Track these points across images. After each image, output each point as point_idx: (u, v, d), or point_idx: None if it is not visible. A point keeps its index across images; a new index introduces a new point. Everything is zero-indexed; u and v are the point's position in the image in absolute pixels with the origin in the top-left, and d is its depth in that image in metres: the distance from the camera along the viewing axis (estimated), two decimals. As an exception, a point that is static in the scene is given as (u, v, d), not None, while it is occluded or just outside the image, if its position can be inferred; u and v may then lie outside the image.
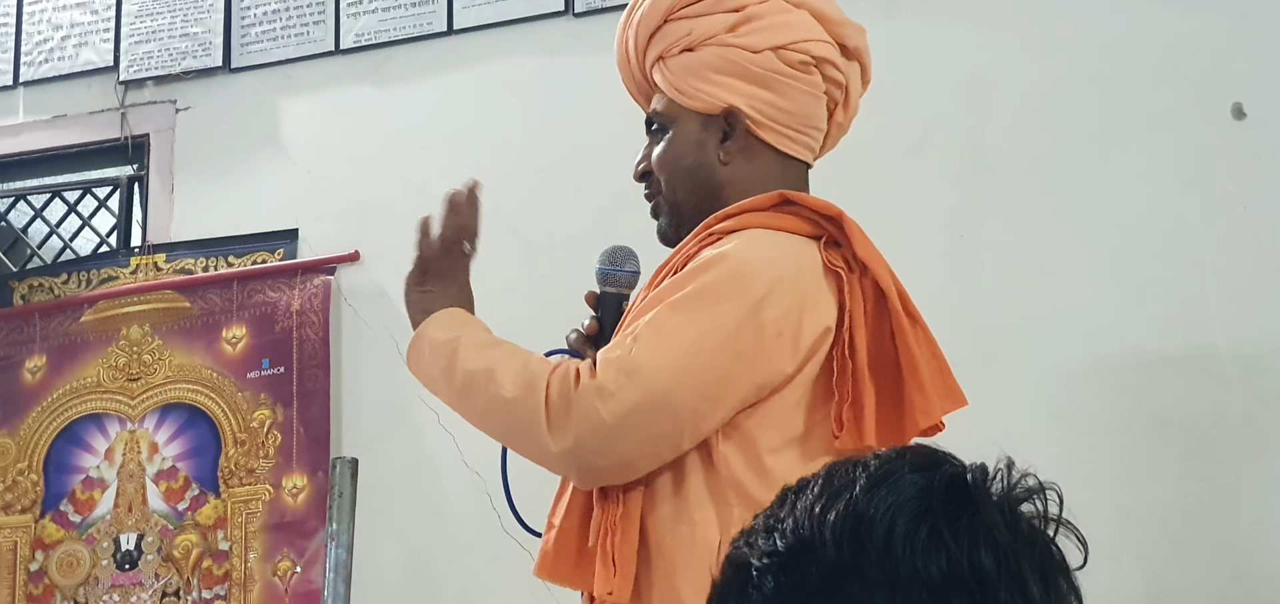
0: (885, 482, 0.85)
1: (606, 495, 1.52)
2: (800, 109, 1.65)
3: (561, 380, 1.46)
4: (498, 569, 2.85)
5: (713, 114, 1.64)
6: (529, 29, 3.17)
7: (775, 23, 1.64)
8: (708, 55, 1.64)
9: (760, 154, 1.64)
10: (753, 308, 1.48)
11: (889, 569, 0.81)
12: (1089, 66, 2.73)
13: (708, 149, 1.64)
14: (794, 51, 1.63)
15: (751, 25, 1.63)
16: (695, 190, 1.65)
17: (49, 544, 3.21)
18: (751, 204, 1.59)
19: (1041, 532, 0.85)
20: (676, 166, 1.66)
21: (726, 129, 1.64)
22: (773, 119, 1.63)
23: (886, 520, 0.82)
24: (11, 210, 3.63)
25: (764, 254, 1.51)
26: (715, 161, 1.64)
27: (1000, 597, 0.81)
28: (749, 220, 1.56)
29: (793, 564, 0.84)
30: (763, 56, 1.62)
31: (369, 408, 3.11)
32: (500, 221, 3.11)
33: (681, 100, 1.66)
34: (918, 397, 1.52)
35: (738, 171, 1.64)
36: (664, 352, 1.45)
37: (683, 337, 1.46)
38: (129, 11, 3.53)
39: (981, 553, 0.81)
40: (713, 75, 1.63)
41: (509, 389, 1.49)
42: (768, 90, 1.63)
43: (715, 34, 1.63)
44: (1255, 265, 2.55)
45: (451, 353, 1.57)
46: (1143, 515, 2.50)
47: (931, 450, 0.90)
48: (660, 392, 1.45)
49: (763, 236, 1.54)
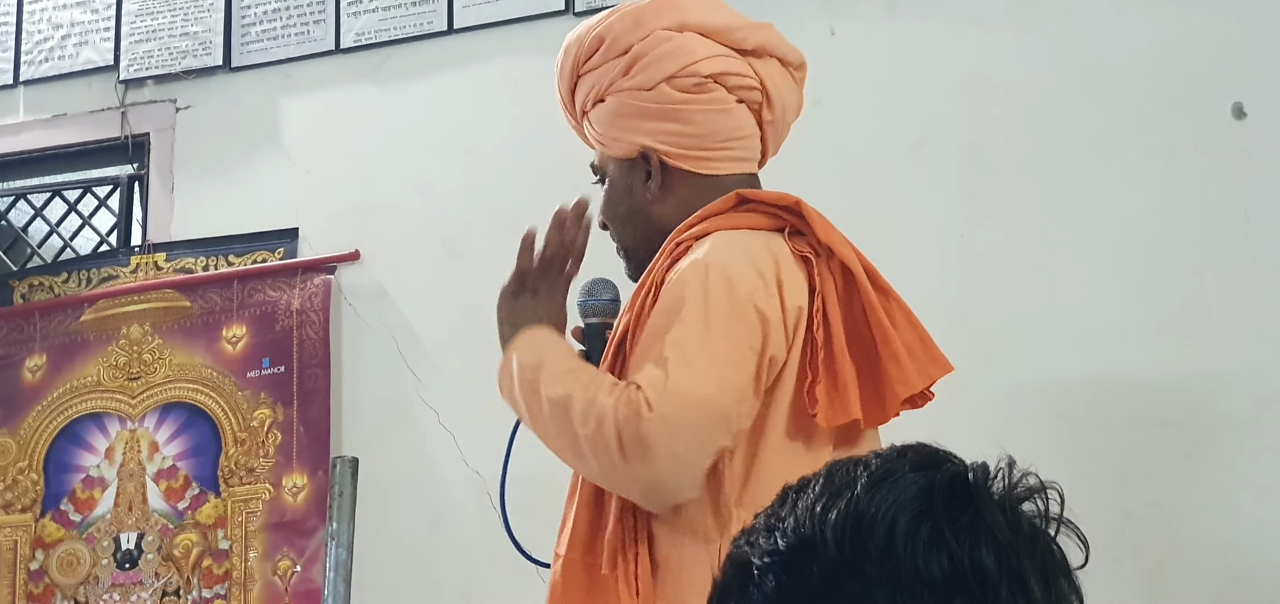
0: (886, 481, 0.85)
1: (620, 520, 1.54)
2: (711, 128, 1.67)
3: (629, 408, 1.46)
4: (498, 569, 2.84)
5: (632, 157, 1.69)
6: (529, 28, 3.16)
7: (660, 54, 1.66)
8: (613, 103, 1.69)
9: (685, 183, 1.67)
10: (747, 302, 1.50)
11: (890, 568, 0.81)
12: (1089, 67, 2.73)
13: (636, 192, 1.70)
14: (684, 77, 1.66)
15: (639, 64, 1.67)
16: (638, 231, 1.71)
17: (49, 543, 3.21)
18: (711, 210, 1.61)
19: (1043, 531, 0.86)
20: (615, 214, 1.73)
21: (646, 169, 1.68)
22: (686, 147, 1.66)
23: (888, 519, 0.82)
24: (12, 209, 3.63)
25: (738, 252, 1.54)
26: (645, 202, 1.69)
27: (1001, 596, 0.81)
28: (712, 225, 1.59)
29: (794, 563, 0.84)
30: (657, 91, 1.66)
31: (369, 407, 3.11)
32: (500, 221, 3.12)
33: (605, 150, 1.73)
34: (893, 367, 1.54)
35: (669, 206, 1.67)
36: (697, 368, 1.47)
37: (704, 348, 1.48)
38: (129, 10, 3.53)
39: (983, 552, 0.81)
40: (621, 121, 1.68)
41: (582, 425, 1.49)
42: (672, 121, 1.66)
43: (613, 81, 1.68)
44: (1255, 265, 2.55)
45: (534, 380, 1.57)
46: (1143, 515, 2.50)
47: (933, 449, 0.90)
48: (710, 405, 1.47)
49: (730, 237, 1.57)
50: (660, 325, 1.52)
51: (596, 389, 1.51)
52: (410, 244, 3.16)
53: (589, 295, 1.74)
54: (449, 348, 3.07)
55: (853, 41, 2.86)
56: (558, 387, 1.54)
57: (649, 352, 1.51)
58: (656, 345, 1.50)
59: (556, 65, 1.77)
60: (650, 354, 1.50)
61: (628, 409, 1.45)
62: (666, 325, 1.51)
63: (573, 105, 1.77)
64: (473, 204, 3.11)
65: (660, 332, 1.51)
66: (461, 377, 3.00)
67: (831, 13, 2.87)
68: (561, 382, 1.54)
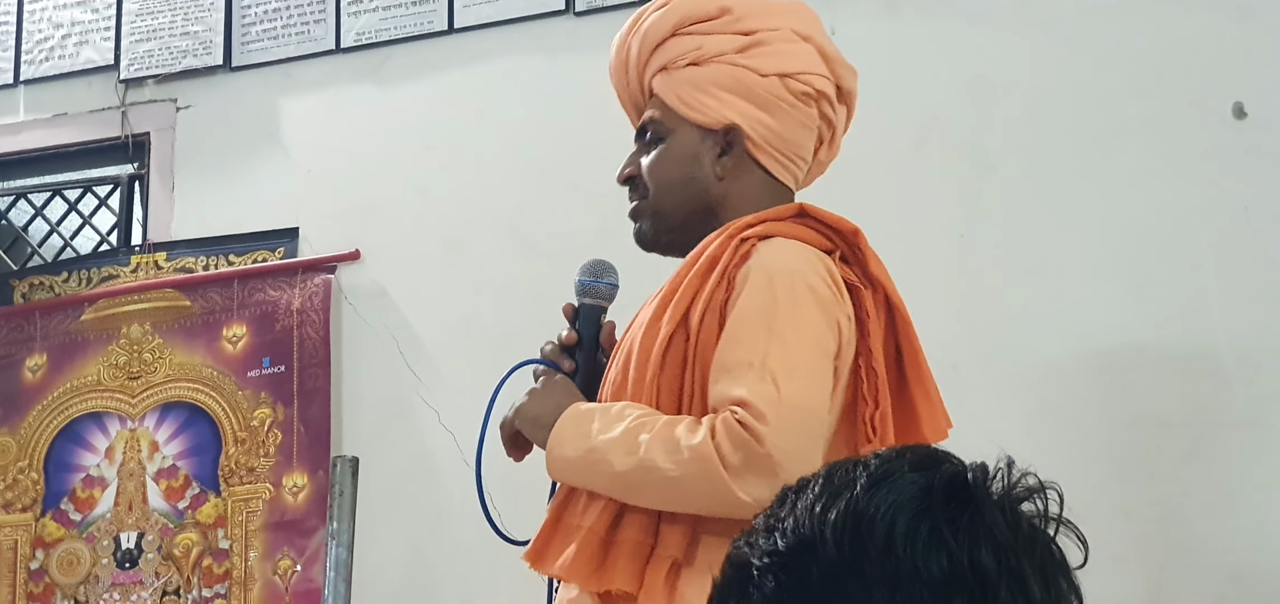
0: (885, 481, 0.85)
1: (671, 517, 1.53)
2: (794, 138, 1.69)
3: (733, 436, 1.45)
4: (498, 568, 2.84)
5: (712, 128, 1.67)
6: (529, 28, 3.16)
7: (783, 51, 1.68)
8: (714, 71, 1.67)
9: (752, 174, 1.68)
10: (829, 314, 1.53)
11: (890, 568, 0.81)
12: (1089, 66, 2.73)
13: (703, 162, 1.68)
14: (799, 81, 1.67)
15: (760, 50, 1.67)
16: (687, 201, 1.69)
17: (49, 543, 3.21)
18: (773, 214, 1.62)
19: (1042, 531, 0.86)
20: (670, 175, 1.70)
21: (725, 145, 1.67)
22: (769, 142, 1.67)
23: (887, 519, 0.82)
24: (12, 209, 3.63)
25: (809, 263, 1.56)
26: (710, 175, 1.68)
27: (1001, 595, 0.81)
28: (773, 229, 1.60)
29: (793, 563, 0.85)
30: (769, 81, 1.66)
31: (369, 407, 3.11)
32: (500, 221, 3.13)
33: (682, 110, 1.69)
34: (926, 409, 1.59)
35: (731, 188, 1.68)
36: (801, 378, 1.48)
37: (803, 358, 1.50)
38: (129, 10, 3.53)
39: (982, 551, 0.81)
40: (717, 91, 1.67)
41: (674, 469, 1.47)
42: (768, 114, 1.66)
43: (723, 52, 1.67)
44: (1255, 265, 2.55)
45: (594, 469, 1.55)
46: (1143, 515, 2.50)
47: (931, 450, 0.90)
48: (818, 412, 1.49)
49: (795, 246, 1.57)
50: (746, 334, 1.51)
51: (666, 432, 1.49)
52: (410, 244, 3.16)
53: (592, 276, 1.74)
54: (449, 348, 3.07)
55: (853, 40, 2.83)
56: (621, 459, 1.51)
57: (741, 362, 1.49)
58: (748, 355, 1.49)
59: (647, 13, 1.73)
60: (744, 365, 1.49)
61: (736, 437, 1.44)
62: (754, 335, 1.50)
63: (647, 57, 1.73)
64: (473, 204, 3.11)
65: (748, 342, 1.50)
66: (461, 377, 3.00)
67: (832, 12, 2.85)
68: (623, 454, 1.51)
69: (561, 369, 1.70)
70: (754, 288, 1.53)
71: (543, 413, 1.63)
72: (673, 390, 1.57)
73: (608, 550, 1.55)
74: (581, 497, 1.60)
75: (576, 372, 1.71)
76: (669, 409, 1.56)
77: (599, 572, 1.54)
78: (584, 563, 1.55)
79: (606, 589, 1.54)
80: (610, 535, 1.55)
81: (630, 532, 1.54)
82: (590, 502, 1.59)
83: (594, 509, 1.57)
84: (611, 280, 1.74)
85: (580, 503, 1.60)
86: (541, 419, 1.63)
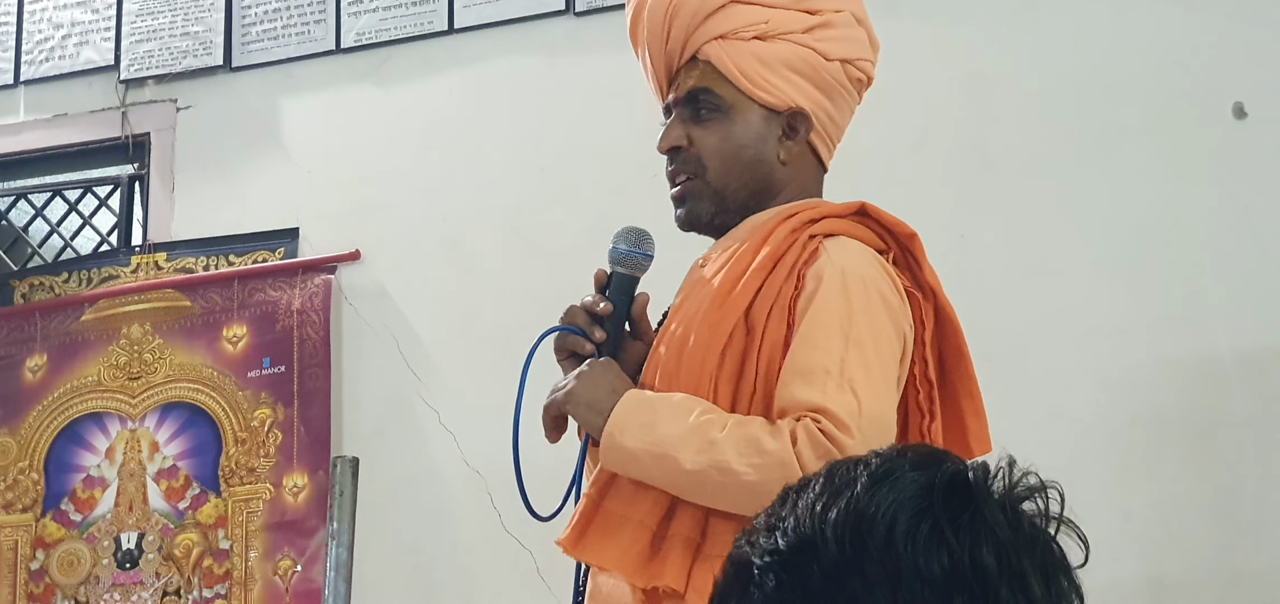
0: (886, 480, 0.85)
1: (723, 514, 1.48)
2: (843, 123, 1.66)
3: (817, 446, 1.40)
4: (498, 568, 2.85)
5: (778, 110, 1.60)
6: (529, 28, 3.17)
7: (847, 36, 1.63)
8: (783, 50, 1.60)
9: (806, 158, 1.64)
10: (897, 323, 1.50)
11: (890, 566, 0.81)
12: (1089, 66, 2.73)
13: (768, 144, 1.61)
14: (856, 68, 1.64)
15: (827, 32, 1.62)
16: (749, 182, 1.61)
17: (50, 543, 3.21)
18: (833, 210, 1.58)
19: (1043, 530, 0.85)
20: (736, 156, 1.61)
21: (788, 128, 1.61)
22: (826, 128, 1.64)
23: (888, 518, 0.82)
24: (12, 209, 3.63)
25: (876, 268, 1.52)
26: (774, 158, 1.61)
27: (1001, 594, 0.81)
28: (835, 226, 1.55)
29: (794, 562, 0.84)
30: (832, 66, 1.62)
31: (369, 407, 3.11)
32: (501, 221, 3.13)
33: (745, 86, 1.60)
34: (975, 423, 1.56)
35: (792, 173, 1.62)
36: (878, 389, 1.46)
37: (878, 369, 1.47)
38: (130, 10, 3.53)
39: (983, 550, 0.81)
40: (787, 71, 1.60)
41: (750, 473, 1.42)
42: (829, 99, 1.63)
43: (791, 30, 1.60)
44: (1255, 265, 2.55)
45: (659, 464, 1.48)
46: (1143, 515, 2.50)
47: (933, 448, 0.90)
48: (890, 426, 1.47)
49: (861, 248, 1.54)
50: (822, 338, 1.46)
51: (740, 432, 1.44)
52: (410, 244, 3.16)
53: (629, 244, 1.63)
54: (449, 348, 3.07)
55: (853, 41, 2.86)
56: (691, 457, 1.45)
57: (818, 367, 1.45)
58: (826, 361, 1.45)
59: None
60: (821, 372, 1.44)
61: (820, 447, 1.40)
62: (830, 339, 1.46)
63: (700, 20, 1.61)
64: (473, 204, 3.12)
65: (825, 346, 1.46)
66: (461, 377, 3.00)
67: (832, 13, 2.87)
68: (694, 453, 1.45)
69: (591, 337, 1.60)
70: (829, 290, 1.48)
71: (598, 398, 1.53)
72: (730, 386, 1.50)
73: (659, 545, 1.49)
74: (627, 484, 1.52)
75: (606, 341, 1.61)
76: (725, 404, 1.49)
77: (648, 566, 1.48)
78: (634, 556, 1.49)
79: (655, 585, 1.48)
80: (662, 529, 1.49)
81: (682, 526, 1.48)
82: (638, 491, 1.51)
83: (645, 500, 1.50)
84: (649, 251, 1.64)
85: (625, 491, 1.52)
86: (597, 405, 1.52)
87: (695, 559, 1.47)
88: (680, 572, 1.46)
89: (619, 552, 1.49)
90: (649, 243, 1.63)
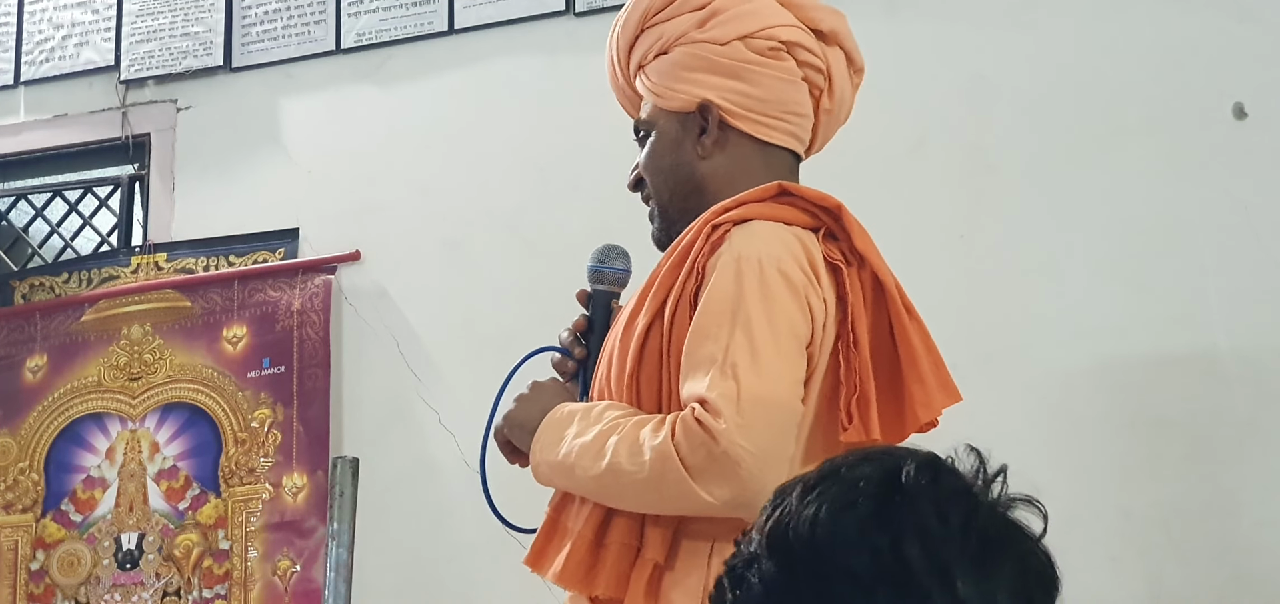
0: (822, 481, 0.86)
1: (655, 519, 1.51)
2: (775, 95, 1.64)
3: (691, 436, 1.42)
4: (498, 569, 2.84)
5: (688, 111, 1.65)
6: (529, 29, 3.17)
7: (740, 12, 1.65)
8: (679, 55, 1.66)
9: (738, 145, 1.65)
10: (802, 298, 1.49)
11: (816, 567, 0.82)
12: (1089, 66, 2.73)
13: (685, 146, 1.66)
14: (760, 38, 1.64)
15: (717, 19, 1.65)
16: (677, 187, 1.66)
17: (50, 543, 3.22)
18: (752, 196, 1.58)
19: (978, 519, 0.84)
20: (659, 167, 1.68)
21: (702, 123, 1.65)
22: (746, 108, 1.64)
23: (810, 519, 0.83)
24: (12, 209, 3.63)
25: (783, 246, 1.51)
26: (693, 157, 1.65)
27: (927, 587, 0.80)
28: (750, 211, 1.55)
29: (742, 576, 0.87)
30: (730, 47, 1.64)
31: (369, 407, 3.11)
32: (500, 221, 3.13)
33: (660, 103, 1.68)
34: (918, 389, 1.53)
35: (716, 164, 1.65)
36: (766, 370, 1.44)
37: (771, 348, 1.46)
38: (130, 11, 3.53)
39: (907, 543, 0.81)
40: (684, 73, 1.65)
41: (639, 471, 1.45)
42: (739, 80, 1.63)
43: (685, 33, 1.65)
44: (1255, 265, 2.55)
45: (570, 475, 1.54)
46: (1143, 515, 2.50)
47: (889, 448, 0.91)
48: (785, 406, 1.45)
49: (770, 228, 1.53)
50: (712, 326, 1.47)
51: (630, 432, 1.48)
52: (410, 244, 3.16)
53: (602, 261, 1.72)
54: (449, 348, 3.07)
55: (853, 41, 2.86)
56: (591, 463, 1.50)
57: (706, 358, 1.46)
58: (713, 350, 1.46)
59: (619, 19, 1.73)
60: (708, 360, 1.46)
61: (694, 437, 1.42)
62: (720, 327, 1.47)
63: (628, 60, 1.72)
64: (473, 204, 3.12)
65: (714, 334, 1.47)
66: (461, 377, 3.00)
67: (832, 13, 2.87)
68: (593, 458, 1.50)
69: (573, 355, 1.69)
70: (721, 278, 1.50)
71: (528, 418, 1.62)
72: (652, 387, 1.53)
73: (596, 555, 1.53)
74: (575, 500, 1.58)
75: (588, 357, 1.69)
76: (649, 406, 1.53)
77: (588, 576, 1.52)
78: (574, 567, 1.53)
79: (595, 594, 1.52)
80: (599, 539, 1.53)
81: (617, 535, 1.52)
82: (582, 505, 1.56)
83: (584, 512, 1.55)
84: (621, 266, 1.72)
85: (573, 506, 1.58)
86: (526, 425, 1.61)
87: (633, 565, 1.51)
88: (614, 578, 1.51)
89: (564, 565, 1.54)
90: (620, 258, 1.72)
